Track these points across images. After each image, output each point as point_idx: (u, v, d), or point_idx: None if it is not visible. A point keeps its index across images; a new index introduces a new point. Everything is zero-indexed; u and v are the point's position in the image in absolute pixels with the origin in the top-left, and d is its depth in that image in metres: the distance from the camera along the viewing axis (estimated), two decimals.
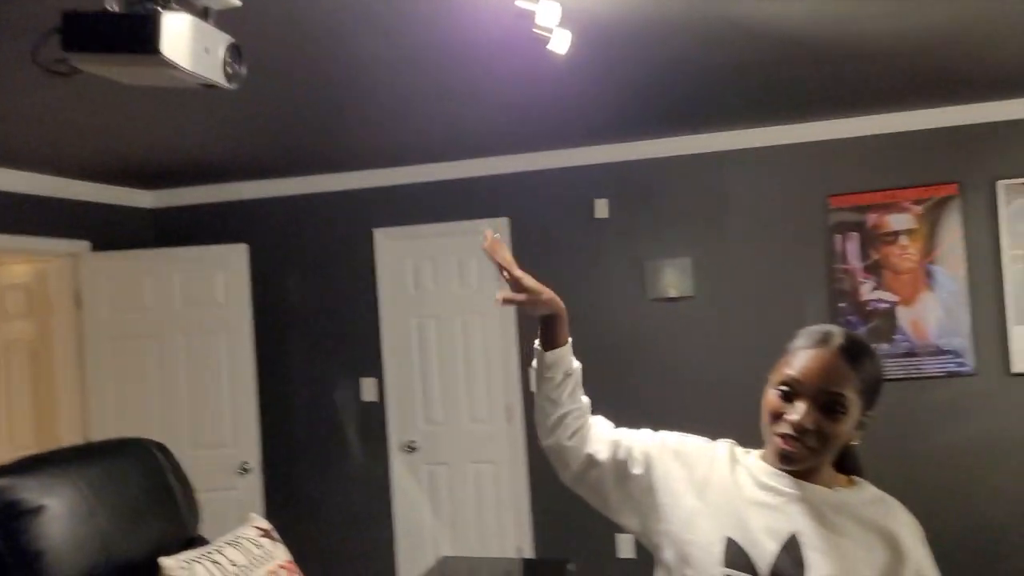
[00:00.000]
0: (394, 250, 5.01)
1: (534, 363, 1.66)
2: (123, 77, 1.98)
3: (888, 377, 4.35)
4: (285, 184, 5.12)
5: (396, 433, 4.98)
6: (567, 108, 3.81)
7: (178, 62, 1.79)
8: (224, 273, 4.72)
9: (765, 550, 1.40)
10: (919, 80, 3.72)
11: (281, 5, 2.33)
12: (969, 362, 4.35)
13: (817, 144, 4.55)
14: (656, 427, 1.81)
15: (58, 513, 2.01)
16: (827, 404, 1.38)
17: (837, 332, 1.44)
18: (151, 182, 4.95)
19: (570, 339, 1.66)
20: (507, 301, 1.59)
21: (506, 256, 1.58)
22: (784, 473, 1.45)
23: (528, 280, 1.57)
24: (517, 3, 2.10)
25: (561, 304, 1.63)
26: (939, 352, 4.38)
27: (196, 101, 3.23)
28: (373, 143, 4.25)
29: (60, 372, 4.71)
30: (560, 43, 2.33)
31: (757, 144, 4.62)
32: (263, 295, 5.04)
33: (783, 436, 1.40)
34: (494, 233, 1.63)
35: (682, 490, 1.52)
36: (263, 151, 4.26)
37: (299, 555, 2.69)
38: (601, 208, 4.80)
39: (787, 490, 1.44)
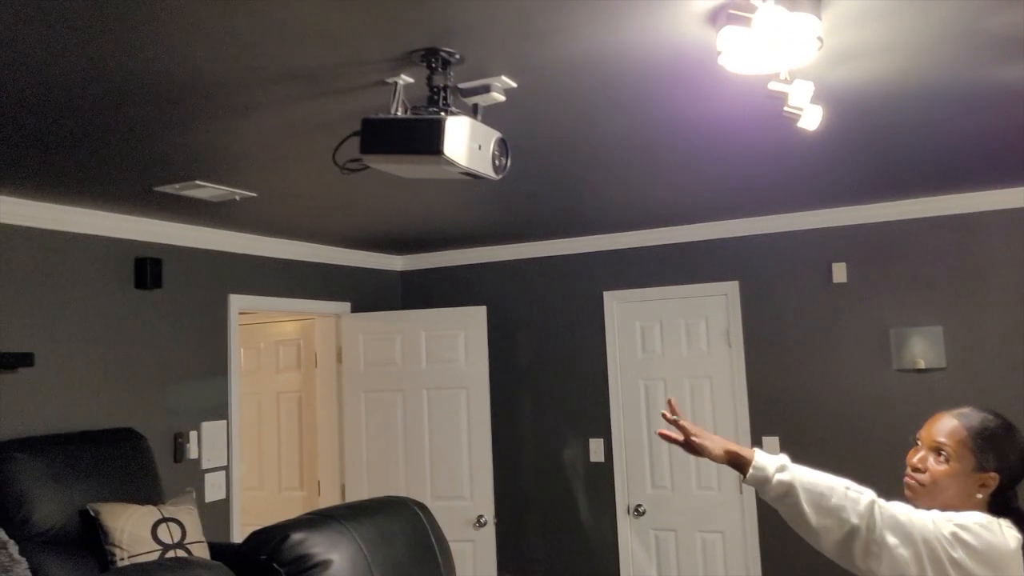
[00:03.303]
0: (623, 312, 5.10)
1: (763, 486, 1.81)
2: (404, 172, 2.23)
3: None
4: (521, 248, 5.39)
5: (623, 495, 5.01)
6: (807, 174, 3.75)
7: (457, 160, 2.00)
8: (465, 333, 5.02)
9: None
10: None
11: (536, 95, 2.51)
12: None
13: None
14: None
15: (342, 568, 2.21)
16: (936, 451, 1.80)
17: (977, 409, 1.83)
18: (402, 248, 5.40)
19: (756, 449, 1.83)
20: (665, 436, 1.91)
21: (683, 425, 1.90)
22: None
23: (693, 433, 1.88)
24: (770, 87, 2.13)
25: (725, 451, 1.84)
26: None
27: (452, 183, 3.52)
28: (608, 210, 4.38)
29: (322, 421, 5.21)
30: (811, 120, 2.32)
31: (1015, 205, 4.27)
32: (498, 354, 5.30)
33: (906, 475, 1.83)
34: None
35: None
36: (505, 220, 4.53)
37: None
38: (839, 272, 4.63)
39: None
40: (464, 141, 2.01)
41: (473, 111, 2.30)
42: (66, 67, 2.12)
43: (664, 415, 1.91)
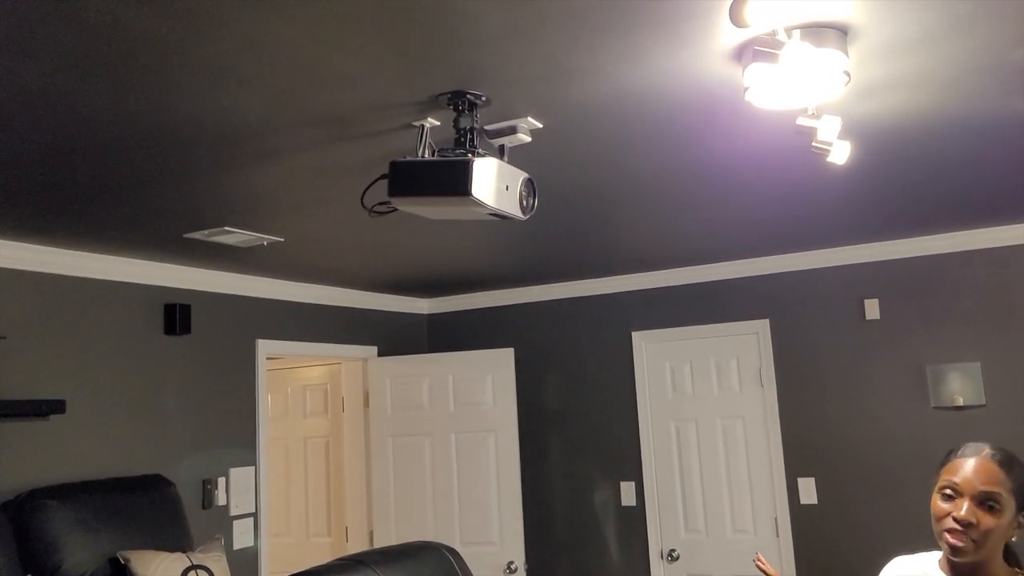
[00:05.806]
0: (652, 352, 5.05)
1: None
2: (431, 214, 2.23)
3: None
4: (547, 289, 5.37)
5: (656, 540, 4.90)
6: (836, 209, 3.71)
7: (485, 200, 1.99)
8: (492, 376, 4.99)
9: None
10: None
11: (562, 135, 2.51)
12: None
13: None
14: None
15: None
16: (984, 501, 1.63)
17: (988, 444, 1.71)
18: (428, 291, 5.40)
19: None
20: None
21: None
22: None
23: None
24: (798, 122, 2.12)
25: None
26: None
27: (478, 224, 3.52)
28: (635, 249, 4.36)
29: (349, 466, 5.17)
30: (839, 154, 2.30)
31: None
32: (526, 396, 5.26)
33: (950, 531, 1.63)
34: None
35: None
36: (531, 261, 4.52)
37: None
38: (872, 309, 4.56)
39: None
40: (492, 182, 2.01)
41: (499, 152, 2.31)
42: (98, 117, 2.15)
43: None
